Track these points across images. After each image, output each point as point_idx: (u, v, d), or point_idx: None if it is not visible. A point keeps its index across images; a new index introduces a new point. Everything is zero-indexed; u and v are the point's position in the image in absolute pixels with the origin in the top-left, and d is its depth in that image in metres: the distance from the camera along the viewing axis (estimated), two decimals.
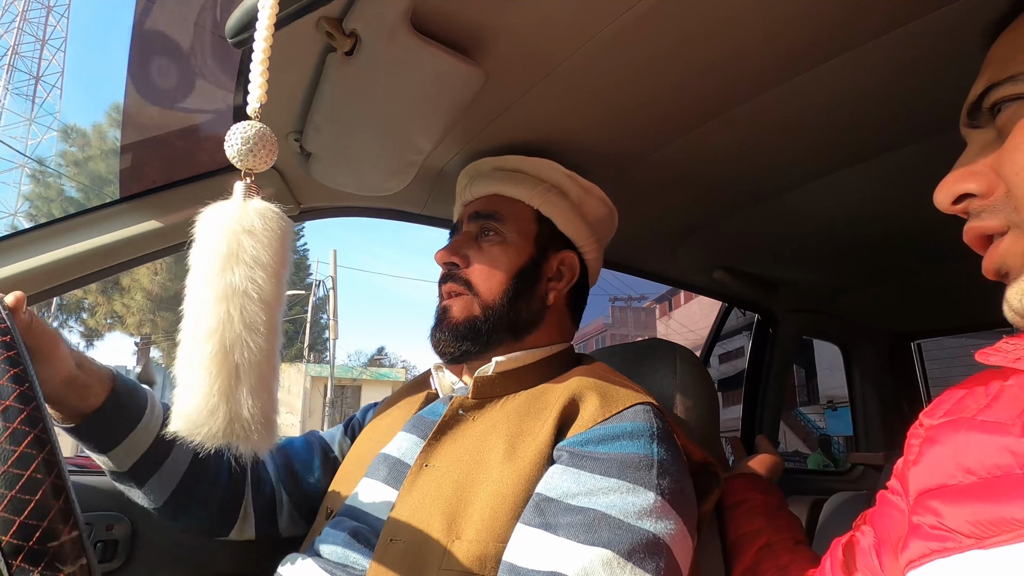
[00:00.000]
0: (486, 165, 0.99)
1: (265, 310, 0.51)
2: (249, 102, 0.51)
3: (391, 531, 0.73)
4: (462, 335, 0.89)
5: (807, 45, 0.76)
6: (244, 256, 0.50)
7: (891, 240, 1.39)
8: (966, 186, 0.51)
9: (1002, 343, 0.51)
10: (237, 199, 0.52)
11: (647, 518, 0.67)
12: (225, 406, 0.49)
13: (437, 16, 0.70)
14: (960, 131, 0.55)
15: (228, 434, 0.50)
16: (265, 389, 0.51)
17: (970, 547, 0.45)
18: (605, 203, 1.01)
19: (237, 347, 0.50)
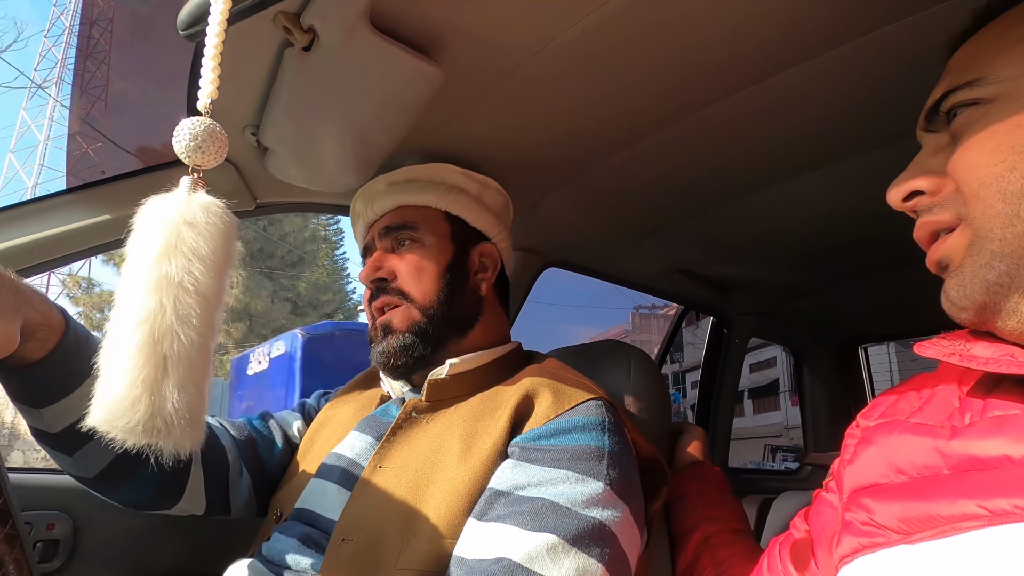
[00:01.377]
0: (380, 183, 0.98)
1: (201, 304, 0.50)
2: (200, 98, 0.50)
3: (343, 531, 0.73)
4: (408, 344, 0.89)
5: (767, 53, 0.78)
6: (183, 247, 0.49)
7: (843, 246, 1.44)
8: (917, 184, 0.53)
9: (939, 338, 0.53)
10: (182, 192, 0.51)
11: (594, 506, 0.68)
12: (148, 399, 0.47)
13: (396, 14, 0.69)
14: (916, 135, 0.57)
15: (148, 429, 0.48)
16: (194, 384, 0.50)
17: (897, 542, 0.47)
18: (501, 192, 1.03)
19: (167, 338, 0.48)
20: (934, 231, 0.52)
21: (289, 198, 1.08)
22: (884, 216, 1.24)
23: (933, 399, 0.54)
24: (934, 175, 0.52)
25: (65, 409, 0.71)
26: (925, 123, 0.56)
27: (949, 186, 0.51)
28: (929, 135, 0.55)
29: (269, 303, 19.97)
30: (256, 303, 19.27)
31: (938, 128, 0.54)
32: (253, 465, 0.94)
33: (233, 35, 0.70)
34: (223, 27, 0.51)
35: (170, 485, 0.84)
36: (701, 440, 1.13)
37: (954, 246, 0.50)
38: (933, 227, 0.52)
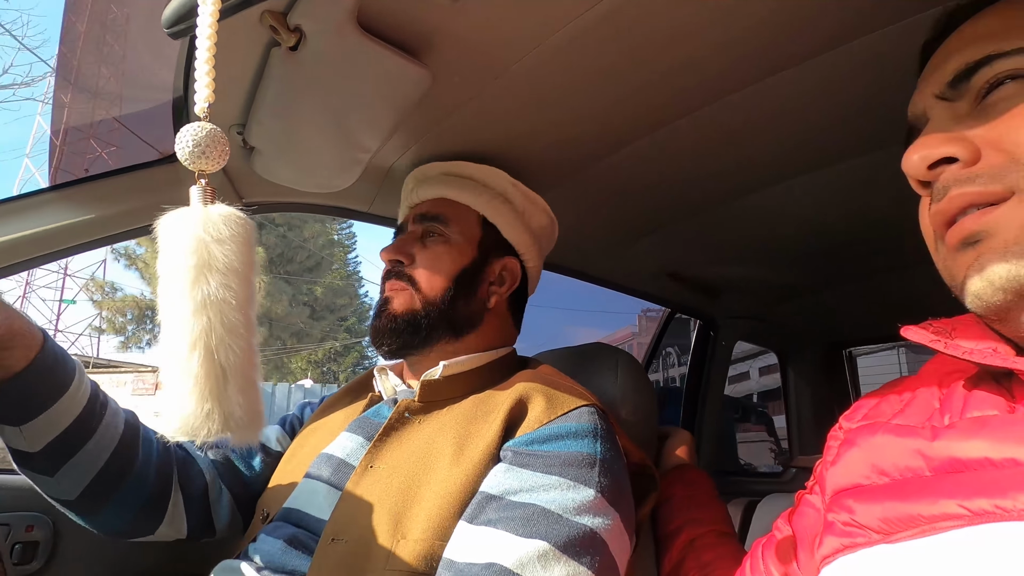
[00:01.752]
0: (434, 170, 1.00)
1: (241, 311, 0.52)
2: (196, 102, 0.50)
3: (333, 531, 0.73)
4: (401, 328, 0.90)
5: (757, 57, 0.78)
6: (216, 265, 0.51)
7: (831, 250, 1.45)
8: (949, 149, 0.49)
9: (927, 324, 0.52)
10: (197, 205, 0.52)
11: (585, 514, 0.68)
12: (219, 408, 0.51)
13: (384, 15, 0.69)
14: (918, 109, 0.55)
15: (224, 432, 0.52)
16: (251, 385, 0.53)
17: (878, 542, 0.47)
18: (548, 214, 1.03)
19: (221, 351, 0.51)
20: (972, 203, 0.47)
21: (275, 198, 1.07)
22: (872, 220, 1.27)
23: (914, 401, 0.55)
24: (968, 143, 0.48)
25: (46, 424, 0.73)
26: (948, 89, 0.52)
27: (991, 156, 0.47)
28: (944, 104, 0.52)
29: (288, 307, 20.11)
30: (276, 307, 19.43)
31: (959, 97, 0.51)
32: (232, 481, 0.94)
33: (219, 33, 0.70)
34: (214, 28, 0.50)
35: (151, 507, 0.85)
36: (687, 443, 1.13)
37: (1004, 220, 0.45)
38: (974, 199, 0.47)
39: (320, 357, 22.94)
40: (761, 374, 11.37)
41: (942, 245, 0.51)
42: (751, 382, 4.23)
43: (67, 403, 0.74)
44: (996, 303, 0.46)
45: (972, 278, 0.47)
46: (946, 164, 0.49)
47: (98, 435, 0.78)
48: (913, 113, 0.56)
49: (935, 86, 0.53)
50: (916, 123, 0.56)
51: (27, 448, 0.74)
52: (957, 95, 0.51)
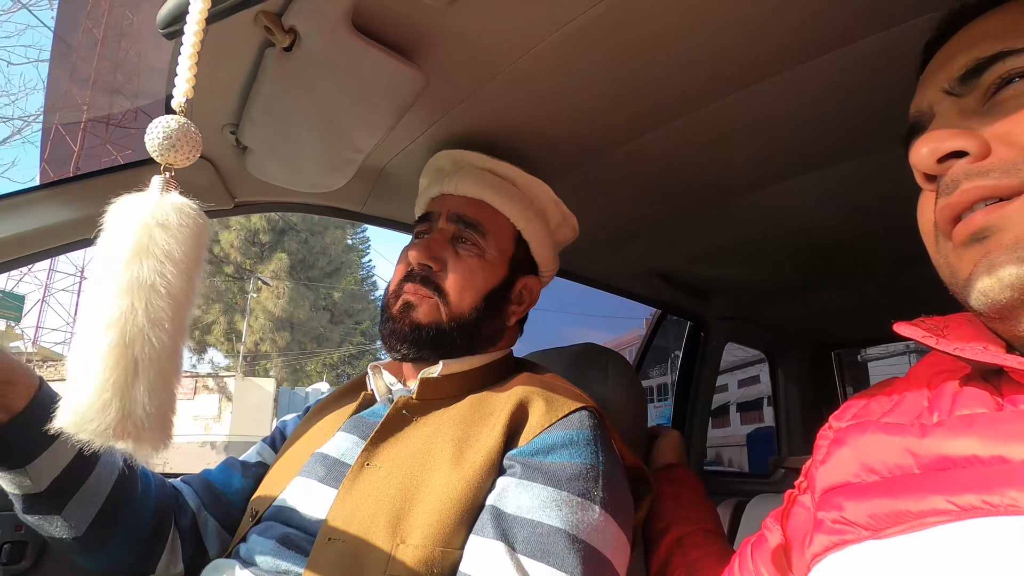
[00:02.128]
0: (478, 160, 0.95)
1: (172, 306, 0.49)
2: (175, 96, 0.50)
3: (329, 531, 0.72)
4: (424, 339, 0.87)
5: (749, 61, 0.79)
6: (155, 249, 0.48)
7: (820, 252, 1.46)
8: (961, 143, 0.48)
9: (919, 320, 0.52)
10: (154, 192, 0.51)
11: (593, 535, 0.70)
12: (118, 402, 0.47)
13: (379, 17, 0.69)
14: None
15: (119, 432, 0.47)
16: (164, 388, 0.49)
17: (866, 538, 0.48)
18: (575, 231, 1.03)
19: (138, 342, 0.47)
20: (984, 197, 0.47)
21: (268, 197, 1.07)
22: (862, 222, 1.28)
23: (903, 400, 0.55)
24: (976, 137, 0.48)
25: (50, 460, 0.74)
26: (958, 85, 0.51)
27: (1005, 151, 0.47)
28: (951, 99, 0.52)
29: (310, 312, 20.25)
30: (299, 312, 19.60)
31: (969, 92, 0.51)
32: (215, 508, 0.93)
33: (213, 33, 0.70)
34: (201, 26, 0.50)
35: (154, 538, 0.86)
36: (676, 443, 1.14)
37: (1016, 215, 0.45)
38: (986, 193, 0.47)
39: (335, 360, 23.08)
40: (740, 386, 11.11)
41: (944, 240, 0.51)
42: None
43: (64, 441, 0.74)
44: (1003, 301, 0.46)
45: (979, 275, 0.47)
46: (955, 158, 0.49)
47: (99, 468, 0.79)
48: (918, 109, 0.56)
49: (943, 81, 0.52)
50: (920, 119, 0.55)
51: (33, 488, 0.74)
52: (966, 91, 0.51)
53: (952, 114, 0.51)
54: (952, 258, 0.50)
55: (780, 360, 2.29)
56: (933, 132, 0.50)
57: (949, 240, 0.50)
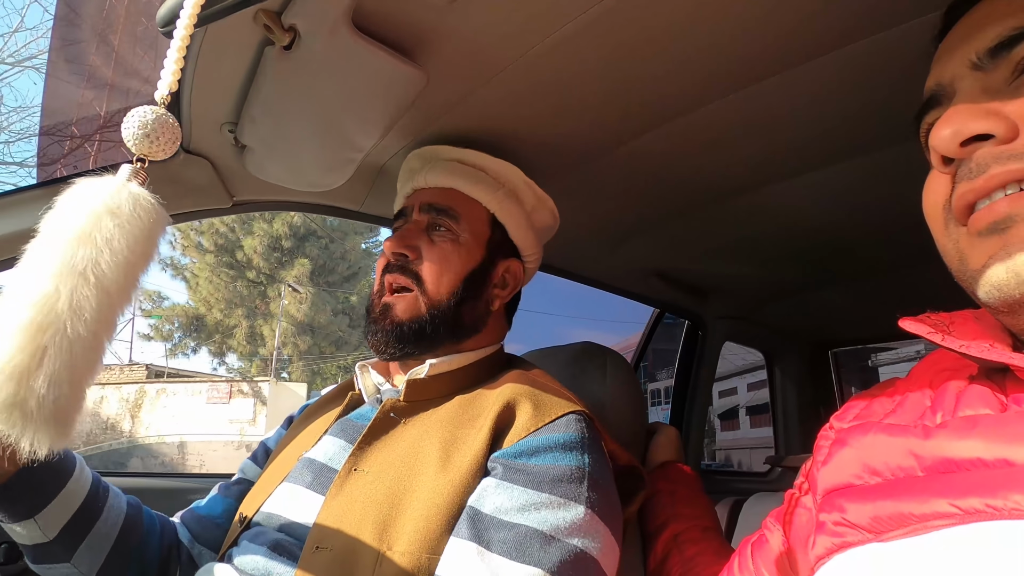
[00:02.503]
0: (445, 153, 0.95)
1: (100, 298, 0.46)
2: (158, 87, 0.49)
3: (317, 538, 0.71)
4: (405, 336, 0.86)
5: (749, 61, 0.79)
6: (97, 236, 0.46)
7: (817, 251, 1.47)
8: (987, 126, 0.45)
9: (925, 316, 0.51)
10: (118, 179, 0.49)
11: (576, 534, 0.68)
12: (12, 387, 0.44)
13: (379, 16, 0.69)
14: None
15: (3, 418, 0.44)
16: (70, 382, 0.46)
17: (869, 540, 0.47)
18: (554, 214, 1.01)
19: (52, 328, 0.44)
20: (1013, 181, 0.44)
21: (267, 196, 1.07)
22: (860, 222, 1.29)
23: (906, 401, 0.55)
24: (1003, 118, 0.45)
25: (59, 507, 0.74)
26: (987, 59, 0.47)
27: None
28: (977, 74, 0.48)
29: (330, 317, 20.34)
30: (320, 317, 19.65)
31: (997, 67, 0.47)
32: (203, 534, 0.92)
33: (212, 32, 0.70)
34: (192, 21, 0.50)
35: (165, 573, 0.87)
36: (674, 440, 1.14)
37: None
38: (1017, 176, 0.44)
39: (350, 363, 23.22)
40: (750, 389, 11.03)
41: (956, 226, 0.48)
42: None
43: (74, 485, 0.76)
44: (1016, 296, 0.44)
45: (995, 267, 0.45)
46: (979, 141, 0.45)
47: (105, 513, 0.80)
48: (938, 82, 0.51)
49: (970, 53, 0.48)
50: (940, 92, 0.51)
51: (43, 538, 0.74)
52: (994, 65, 0.47)
53: (975, 91, 0.47)
54: (963, 245, 0.48)
55: (778, 360, 2.30)
56: (956, 112, 0.46)
57: (962, 226, 0.48)
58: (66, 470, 0.76)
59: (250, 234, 17.14)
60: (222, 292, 17.44)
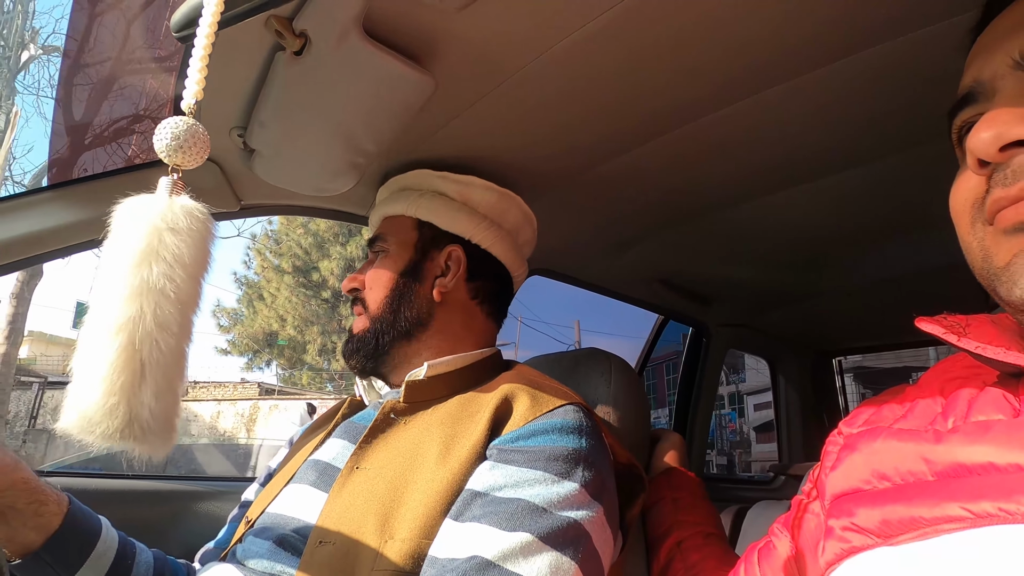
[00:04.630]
0: (382, 194, 1.05)
1: (180, 310, 0.50)
2: (184, 97, 0.50)
3: (320, 534, 0.72)
4: (357, 348, 0.94)
5: (754, 70, 0.79)
6: (164, 253, 0.49)
7: (821, 259, 1.47)
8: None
9: (941, 317, 0.51)
10: (162, 194, 0.51)
11: (569, 507, 0.69)
12: (125, 406, 0.47)
13: (389, 22, 0.70)
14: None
15: (125, 435, 0.48)
16: (170, 391, 0.50)
17: (879, 544, 0.47)
18: (491, 189, 1.00)
19: (146, 345, 0.48)
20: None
21: (274, 200, 1.08)
22: (864, 230, 1.29)
23: (916, 406, 0.54)
24: None
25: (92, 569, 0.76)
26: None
27: None
28: (1020, 75, 0.46)
29: None
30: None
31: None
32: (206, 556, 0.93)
33: (224, 37, 0.70)
34: (213, 29, 0.50)
35: None
36: (678, 447, 1.14)
37: None
38: None
39: None
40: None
41: (983, 225, 0.48)
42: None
43: (103, 546, 0.78)
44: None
45: (1019, 265, 0.44)
46: (1020, 147, 0.44)
47: (135, 569, 0.82)
48: (977, 79, 0.49)
49: (1013, 51, 0.46)
50: (978, 89, 0.49)
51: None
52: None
53: (1019, 92, 0.45)
54: (989, 242, 0.47)
55: (782, 367, 2.29)
56: (998, 115, 0.44)
57: (989, 225, 0.47)
58: (92, 533, 0.78)
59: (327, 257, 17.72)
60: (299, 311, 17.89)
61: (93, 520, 0.80)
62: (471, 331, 0.97)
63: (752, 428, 13.07)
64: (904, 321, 0.55)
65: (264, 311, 18.25)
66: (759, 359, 2.36)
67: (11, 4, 13.04)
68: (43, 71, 13.80)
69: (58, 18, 17.38)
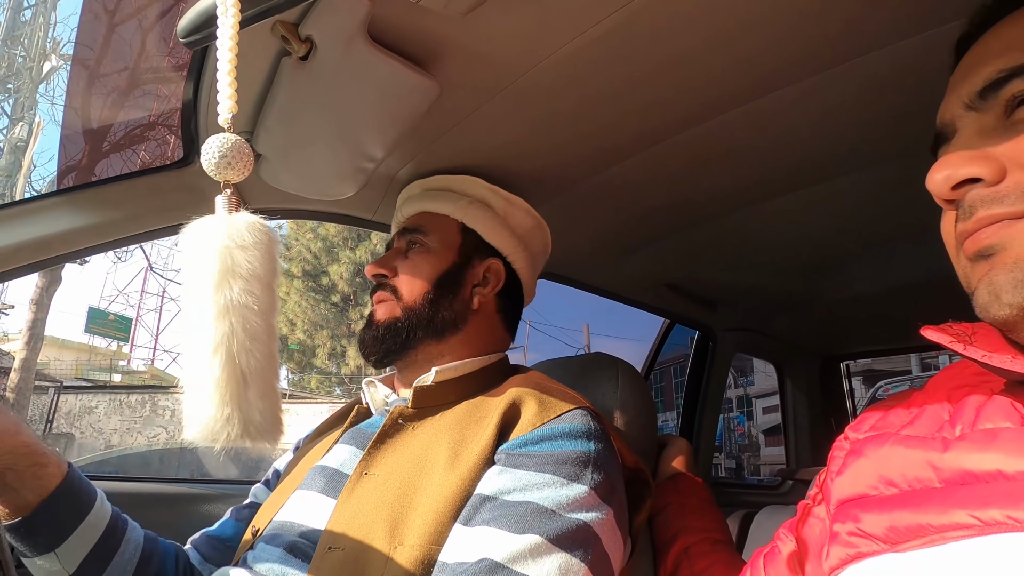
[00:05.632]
0: (415, 188, 1.04)
1: (264, 318, 0.54)
2: (220, 112, 0.52)
3: (329, 540, 0.72)
4: (382, 336, 0.92)
5: (758, 73, 0.79)
6: (239, 271, 0.53)
7: (828, 263, 1.46)
8: (975, 170, 0.47)
9: (947, 325, 0.51)
10: (222, 213, 0.54)
11: (578, 509, 0.69)
12: (238, 412, 0.53)
13: (394, 27, 0.70)
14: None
15: (244, 437, 0.54)
16: (272, 390, 0.55)
17: (885, 551, 0.47)
18: (531, 214, 1.03)
19: (242, 356, 0.53)
20: (996, 224, 0.47)
21: (281, 204, 1.08)
22: (870, 233, 1.28)
23: (923, 413, 0.54)
24: (993, 162, 0.47)
25: (79, 541, 0.77)
26: (977, 100, 0.50)
27: (1020, 175, 0.46)
28: (973, 115, 0.50)
29: None
30: None
31: (987, 109, 0.49)
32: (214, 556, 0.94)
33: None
34: (235, 40, 0.51)
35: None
36: (685, 452, 1.13)
37: (1020, 235, 0.45)
38: (1001, 219, 0.46)
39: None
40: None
41: (962, 255, 0.51)
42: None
43: (93, 518, 0.79)
44: (1002, 316, 0.46)
45: (981, 290, 0.47)
46: (971, 183, 0.48)
47: (123, 546, 0.82)
48: (942, 120, 0.54)
49: (964, 95, 0.51)
50: (944, 131, 0.54)
51: (63, 572, 0.77)
52: (985, 106, 0.49)
53: (972, 132, 0.50)
54: (967, 270, 0.50)
55: (788, 371, 2.28)
56: (947, 158, 0.49)
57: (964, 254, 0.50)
58: (86, 503, 0.78)
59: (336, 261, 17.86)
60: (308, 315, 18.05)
61: (89, 490, 0.80)
62: (491, 342, 0.98)
63: (761, 431, 13.02)
64: (912, 325, 0.55)
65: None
66: (768, 363, 2.36)
67: (32, 15, 13.23)
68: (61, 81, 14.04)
69: (72, 27, 17.67)
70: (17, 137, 12.92)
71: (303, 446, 1.00)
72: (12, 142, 13.04)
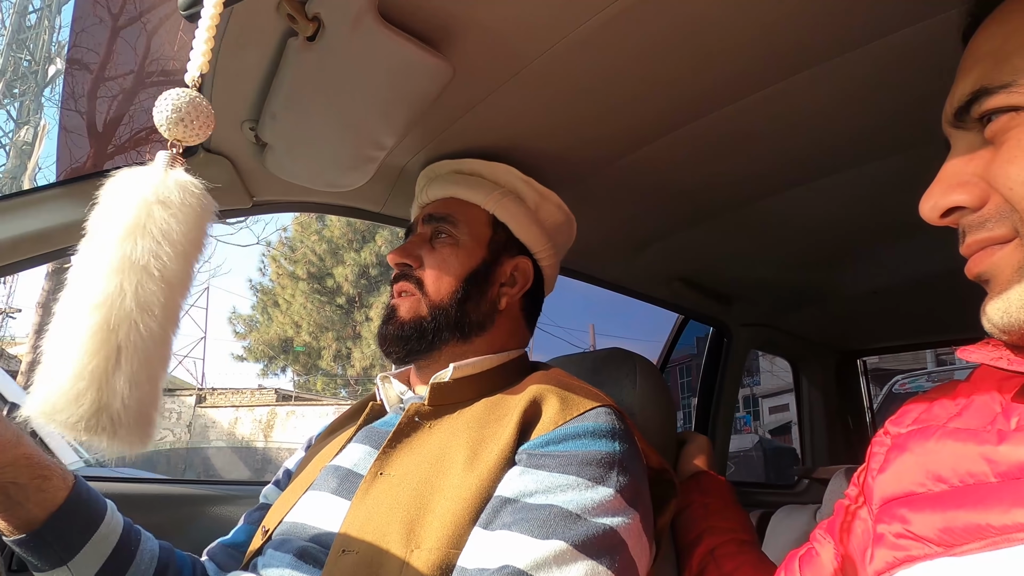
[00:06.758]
0: (444, 167, 0.98)
1: (165, 292, 0.45)
2: (188, 70, 0.47)
3: (343, 542, 0.69)
4: (407, 335, 0.88)
5: (773, 60, 0.77)
6: (152, 228, 0.45)
7: (845, 257, 1.43)
8: (956, 199, 0.49)
9: (983, 344, 0.51)
10: (158, 167, 0.47)
11: (604, 513, 0.66)
12: (95, 392, 0.43)
13: (405, 5, 0.67)
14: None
15: (92, 426, 0.43)
16: (148, 380, 0.45)
17: (939, 555, 0.45)
18: (562, 209, 1.00)
19: (123, 327, 0.43)
20: (983, 247, 0.48)
21: (287, 196, 1.05)
22: (889, 226, 1.25)
23: (972, 404, 0.52)
24: (973, 186, 0.48)
25: (92, 553, 0.73)
26: (955, 120, 0.51)
27: (995, 198, 0.46)
28: (960, 132, 0.51)
29: None
30: None
31: (969, 126, 0.50)
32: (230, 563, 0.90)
33: (234, 23, 0.68)
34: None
35: None
36: (705, 449, 1.10)
37: (1003, 262, 0.46)
38: (987, 243, 0.48)
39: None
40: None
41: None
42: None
43: (105, 530, 0.75)
44: (1002, 338, 0.48)
45: (983, 316, 0.48)
46: (959, 211, 0.49)
47: (138, 557, 0.78)
48: (944, 128, 0.55)
49: (948, 114, 0.52)
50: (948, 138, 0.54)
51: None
52: (966, 125, 0.50)
53: (961, 149, 0.51)
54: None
55: (804, 368, 2.26)
56: (933, 187, 0.51)
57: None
58: (97, 514, 0.74)
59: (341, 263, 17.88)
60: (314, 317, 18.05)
61: (99, 501, 0.76)
62: (512, 342, 0.95)
63: (768, 431, 13.01)
64: (931, 320, 0.53)
65: (279, 318, 18.39)
66: (774, 361, 2.33)
67: (37, 19, 13.35)
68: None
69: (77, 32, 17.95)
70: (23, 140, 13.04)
71: (315, 444, 0.97)
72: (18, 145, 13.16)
